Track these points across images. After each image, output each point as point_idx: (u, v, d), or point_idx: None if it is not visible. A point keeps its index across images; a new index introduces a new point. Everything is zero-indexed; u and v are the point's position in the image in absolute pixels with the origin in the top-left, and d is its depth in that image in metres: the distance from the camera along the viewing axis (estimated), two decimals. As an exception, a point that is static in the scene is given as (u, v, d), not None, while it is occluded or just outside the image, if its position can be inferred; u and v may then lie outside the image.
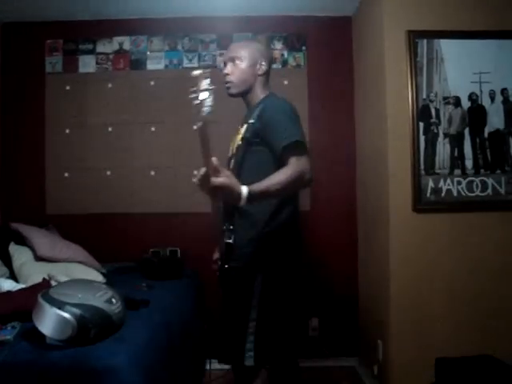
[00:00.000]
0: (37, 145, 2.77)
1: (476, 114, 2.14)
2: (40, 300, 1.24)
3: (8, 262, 2.04)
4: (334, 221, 2.76)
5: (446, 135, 2.13)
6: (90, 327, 1.23)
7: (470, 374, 1.87)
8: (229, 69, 1.61)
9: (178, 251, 2.57)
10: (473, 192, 2.12)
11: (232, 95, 1.65)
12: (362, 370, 2.60)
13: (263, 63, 1.62)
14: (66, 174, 2.78)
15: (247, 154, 1.53)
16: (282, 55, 2.81)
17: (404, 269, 2.09)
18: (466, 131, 2.13)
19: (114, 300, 1.35)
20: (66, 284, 1.49)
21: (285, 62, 2.81)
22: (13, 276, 1.98)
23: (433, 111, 2.13)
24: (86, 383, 1.14)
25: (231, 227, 1.52)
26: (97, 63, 2.81)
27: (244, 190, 1.23)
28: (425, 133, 2.12)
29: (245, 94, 1.64)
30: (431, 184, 2.11)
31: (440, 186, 2.12)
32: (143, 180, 2.77)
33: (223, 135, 2.29)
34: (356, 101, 2.76)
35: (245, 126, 1.57)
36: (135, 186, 2.77)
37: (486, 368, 1.90)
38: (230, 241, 1.51)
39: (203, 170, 1.20)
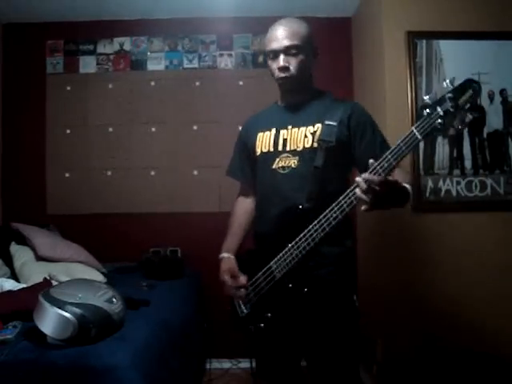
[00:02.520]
0: (38, 145, 2.78)
1: (475, 115, 2.15)
2: (41, 299, 1.24)
3: (9, 262, 2.05)
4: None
5: (445, 135, 2.14)
6: (91, 327, 1.23)
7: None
8: (284, 61, 1.34)
9: (179, 251, 2.58)
10: (472, 192, 2.13)
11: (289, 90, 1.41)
12: (361, 370, 2.60)
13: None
14: (67, 174, 2.78)
15: (328, 158, 1.31)
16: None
17: (403, 268, 2.09)
18: (465, 132, 2.14)
19: (114, 300, 1.35)
20: (66, 284, 1.49)
21: (285, 63, 2.82)
22: (14, 276, 1.99)
23: (432, 111, 2.14)
24: (87, 382, 1.15)
25: (306, 246, 1.25)
26: (97, 64, 2.82)
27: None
28: (424, 133, 2.13)
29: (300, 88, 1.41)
30: (430, 184, 2.12)
31: (439, 186, 2.12)
32: (143, 180, 2.78)
33: (223, 135, 2.30)
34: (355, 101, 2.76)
35: (317, 125, 1.34)
36: (135, 186, 2.77)
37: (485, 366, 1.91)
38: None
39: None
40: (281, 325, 1.34)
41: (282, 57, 1.34)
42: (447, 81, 1.03)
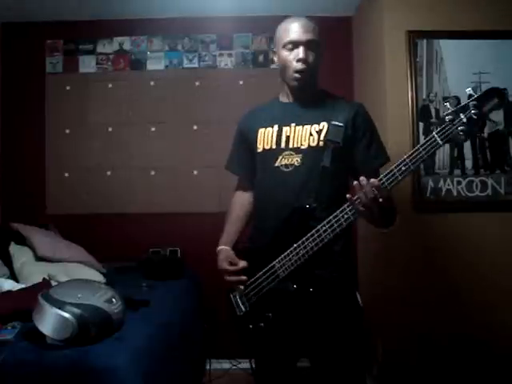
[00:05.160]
0: (37, 145, 2.78)
1: (476, 114, 2.14)
2: (40, 300, 1.24)
3: (8, 262, 2.04)
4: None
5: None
6: (90, 327, 1.23)
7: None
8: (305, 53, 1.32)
9: (179, 251, 2.58)
10: (472, 192, 2.12)
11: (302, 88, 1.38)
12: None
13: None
14: (67, 174, 2.78)
15: (335, 158, 1.30)
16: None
17: (404, 268, 2.09)
18: (466, 131, 2.13)
19: (114, 300, 1.35)
20: (66, 284, 1.49)
21: (285, 62, 2.82)
22: (13, 276, 1.99)
23: (433, 111, 2.14)
24: (86, 383, 1.15)
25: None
26: (97, 63, 2.82)
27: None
28: (425, 133, 2.12)
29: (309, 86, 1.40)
30: (431, 184, 2.12)
31: (440, 185, 2.12)
32: (143, 180, 2.78)
33: (223, 135, 2.29)
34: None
35: (322, 124, 1.33)
36: (135, 186, 2.77)
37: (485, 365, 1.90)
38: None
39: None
40: (282, 325, 1.32)
41: (302, 48, 1.32)
42: (470, 88, 1.02)
